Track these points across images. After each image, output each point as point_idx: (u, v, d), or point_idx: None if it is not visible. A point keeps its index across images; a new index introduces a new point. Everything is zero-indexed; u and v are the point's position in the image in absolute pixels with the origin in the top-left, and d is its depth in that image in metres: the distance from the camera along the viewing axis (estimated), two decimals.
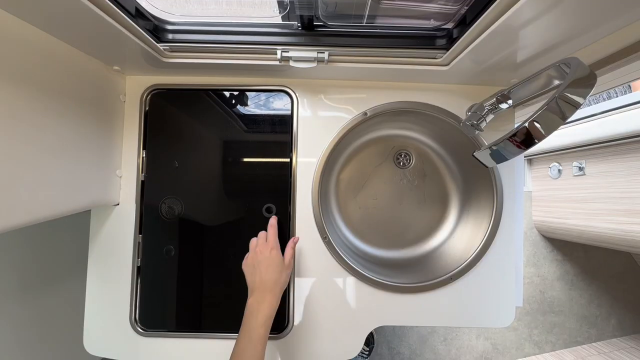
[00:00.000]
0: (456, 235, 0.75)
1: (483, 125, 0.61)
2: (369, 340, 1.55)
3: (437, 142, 0.78)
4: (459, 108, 0.67)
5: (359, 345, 0.65)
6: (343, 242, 0.75)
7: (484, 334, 1.62)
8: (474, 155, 0.46)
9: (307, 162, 0.67)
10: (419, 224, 0.79)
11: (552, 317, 1.62)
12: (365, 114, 0.68)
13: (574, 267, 1.64)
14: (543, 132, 0.37)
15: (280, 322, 0.66)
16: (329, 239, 0.66)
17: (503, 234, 0.67)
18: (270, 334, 0.65)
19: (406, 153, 0.80)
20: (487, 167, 0.47)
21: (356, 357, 1.49)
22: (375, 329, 1.46)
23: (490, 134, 0.68)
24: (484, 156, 0.44)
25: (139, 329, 0.65)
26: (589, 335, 1.62)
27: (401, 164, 0.80)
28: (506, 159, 0.42)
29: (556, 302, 1.63)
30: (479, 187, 0.71)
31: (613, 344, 1.58)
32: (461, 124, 0.65)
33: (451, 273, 0.66)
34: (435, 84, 0.68)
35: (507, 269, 0.67)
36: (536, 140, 0.38)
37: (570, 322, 1.62)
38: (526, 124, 0.37)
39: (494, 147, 0.42)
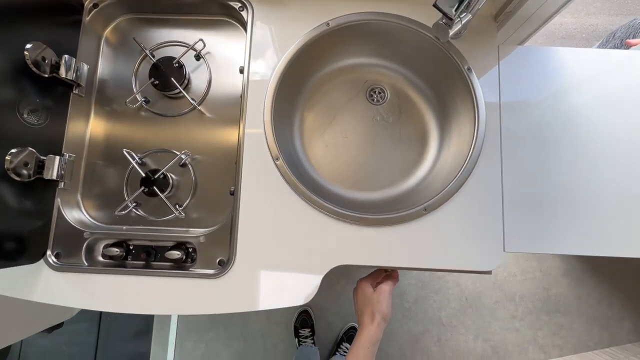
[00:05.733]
0: (435, 172, 0.65)
1: (458, 26, 0.53)
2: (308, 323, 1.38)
3: (411, 68, 0.70)
4: (428, 18, 0.60)
5: (312, 289, 0.54)
6: (302, 175, 0.65)
7: (482, 335, 1.45)
8: (435, 5, 0.37)
9: (261, 74, 0.59)
10: (394, 164, 0.69)
11: (558, 317, 1.46)
12: (328, 24, 0.60)
13: (581, 262, 1.49)
14: None
15: (221, 259, 0.56)
16: (282, 160, 0.57)
17: (486, 160, 0.57)
18: (208, 272, 0.55)
19: (380, 89, 0.72)
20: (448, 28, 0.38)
21: (306, 345, 1.33)
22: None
23: (468, 49, 0.60)
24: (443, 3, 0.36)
25: (53, 263, 0.55)
26: (600, 339, 1.45)
27: (375, 100, 0.72)
28: None
29: (562, 301, 1.47)
30: (459, 112, 0.62)
31: (629, 349, 1.40)
32: (432, 26, 0.57)
33: (424, 204, 0.56)
34: None
35: (490, 203, 0.56)
36: None
37: (579, 323, 1.46)
38: None
39: None
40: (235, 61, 0.64)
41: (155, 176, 0.58)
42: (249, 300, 0.54)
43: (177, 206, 0.60)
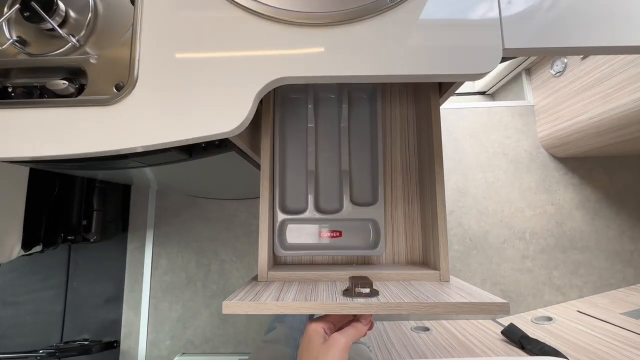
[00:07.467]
0: None
1: None
2: None
3: None
4: None
5: (243, 113, 0.39)
6: None
7: (491, 278, 1.30)
8: None
9: None
10: None
11: (574, 254, 1.30)
12: None
13: (596, 193, 1.33)
14: None
15: (119, 83, 0.41)
16: None
17: None
18: (101, 97, 0.40)
19: None
20: None
21: None
22: None
23: None
24: None
25: None
26: (624, 276, 1.28)
27: None
28: None
29: (578, 236, 1.31)
30: None
31: None
32: None
33: None
34: None
35: None
36: None
37: (599, 260, 1.29)
38: None
39: None
40: None
41: None
42: (159, 130, 0.39)
43: (72, 36, 0.46)
